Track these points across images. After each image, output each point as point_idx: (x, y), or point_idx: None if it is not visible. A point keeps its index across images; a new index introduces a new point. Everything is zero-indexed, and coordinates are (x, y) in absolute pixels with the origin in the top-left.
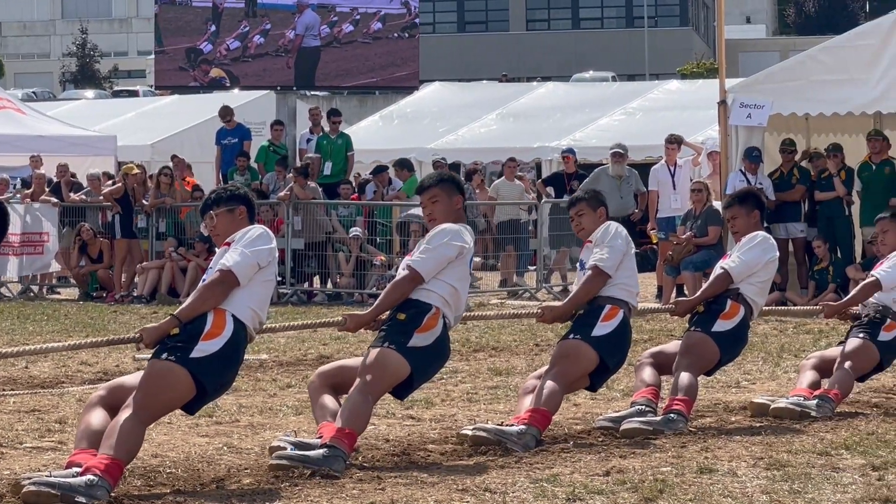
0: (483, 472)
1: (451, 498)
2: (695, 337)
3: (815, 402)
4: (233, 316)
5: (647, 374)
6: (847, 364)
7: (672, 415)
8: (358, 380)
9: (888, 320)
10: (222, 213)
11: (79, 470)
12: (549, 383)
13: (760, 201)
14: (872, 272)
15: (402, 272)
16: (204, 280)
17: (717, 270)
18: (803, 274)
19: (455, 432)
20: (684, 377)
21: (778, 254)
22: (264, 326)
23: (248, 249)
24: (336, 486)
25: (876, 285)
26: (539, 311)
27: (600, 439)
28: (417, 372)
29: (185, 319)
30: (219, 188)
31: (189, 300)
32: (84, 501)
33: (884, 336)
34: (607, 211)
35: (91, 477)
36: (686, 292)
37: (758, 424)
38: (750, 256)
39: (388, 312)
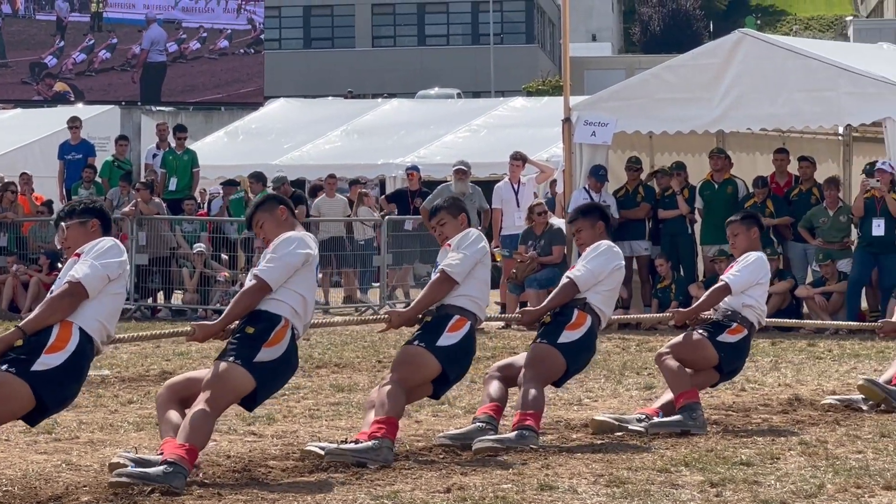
0: (324, 489)
1: None
2: (540, 349)
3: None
4: (80, 329)
5: (494, 388)
6: (671, 357)
7: (524, 431)
8: (202, 393)
9: (734, 324)
10: (74, 225)
11: None
12: (390, 389)
13: (605, 213)
14: (721, 276)
15: (249, 281)
16: (52, 292)
17: (563, 280)
18: (647, 292)
19: (297, 448)
20: (530, 391)
21: (623, 262)
22: (112, 339)
23: (97, 261)
24: (176, 502)
25: (725, 290)
26: (386, 315)
27: (441, 456)
28: (263, 386)
29: (31, 331)
30: (74, 201)
31: (36, 311)
32: None
33: (726, 337)
34: (468, 217)
35: None
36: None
37: (599, 442)
38: (595, 265)
39: (237, 322)
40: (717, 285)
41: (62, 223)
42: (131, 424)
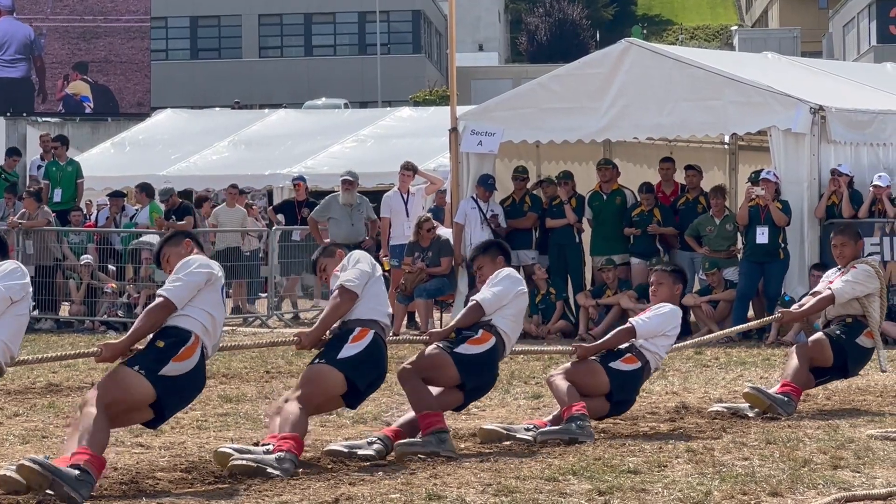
0: (212, 499)
1: None
2: (431, 351)
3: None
4: None
5: (405, 418)
6: (562, 377)
7: (441, 433)
8: (92, 391)
9: (628, 354)
10: None
11: None
12: (294, 407)
13: (504, 248)
14: (630, 319)
15: (156, 300)
16: None
17: (469, 303)
18: (531, 302)
19: (185, 460)
20: (418, 390)
21: (525, 288)
22: (15, 360)
23: (1, 284)
24: None
25: (630, 332)
26: (295, 337)
27: (329, 465)
28: (166, 400)
29: None
30: None
31: None
32: None
33: (619, 365)
34: (345, 251)
35: None
36: (417, 320)
37: (487, 451)
38: (499, 289)
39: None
40: (623, 326)
41: None
42: (17, 437)
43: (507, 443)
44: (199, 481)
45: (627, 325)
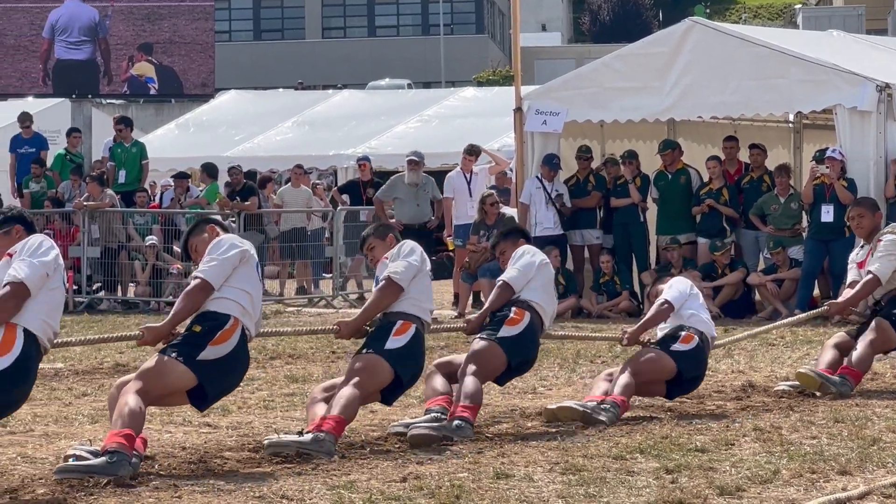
0: (280, 479)
1: None
2: (480, 343)
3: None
4: (24, 330)
5: (439, 382)
6: (630, 367)
7: (459, 421)
8: (133, 381)
9: (683, 333)
10: None
11: None
12: (348, 391)
13: (525, 233)
14: (662, 296)
15: (192, 282)
16: None
17: (497, 283)
18: (595, 280)
19: (252, 440)
20: (469, 383)
21: (546, 258)
22: (59, 340)
23: (34, 259)
24: (132, 495)
25: (668, 306)
26: (335, 326)
27: (397, 445)
28: (208, 384)
29: None
30: None
31: None
32: None
33: (680, 346)
34: (397, 236)
35: None
36: (483, 299)
37: (553, 430)
38: (521, 264)
39: (186, 322)
40: (662, 307)
41: None
42: (86, 417)
43: (574, 422)
44: (267, 461)
45: (665, 305)
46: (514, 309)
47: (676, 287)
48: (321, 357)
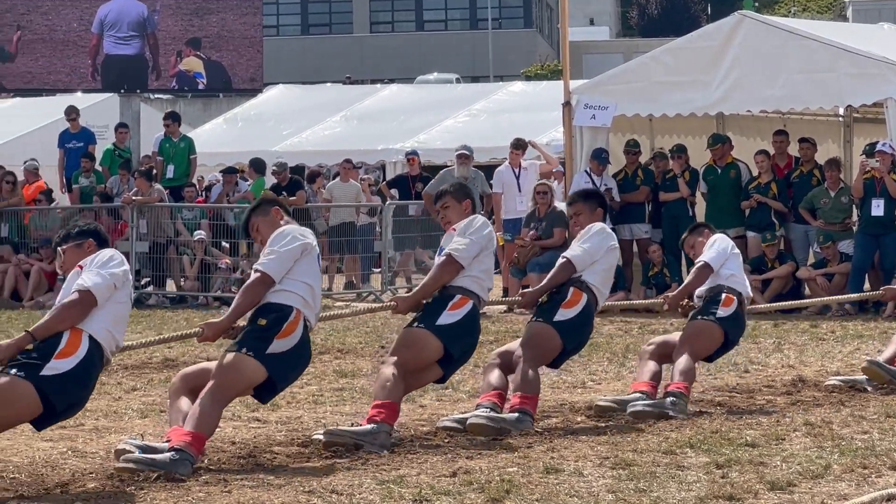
0: (330, 473)
1: (297, 500)
2: (535, 327)
3: (669, 400)
4: (89, 336)
5: (495, 376)
6: (687, 349)
7: (518, 414)
8: (211, 382)
9: (723, 295)
10: (70, 248)
11: None
12: (388, 371)
13: (604, 201)
14: (702, 257)
15: (252, 275)
16: (60, 301)
17: (559, 260)
18: (644, 274)
19: (301, 434)
20: (528, 372)
21: (617, 243)
22: (120, 348)
23: (103, 270)
24: (182, 489)
25: (707, 268)
26: (392, 302)
27: (446, 440)
28: (277, 377)
29: (41, 337)
30: (70, 225)
31: (45, 318)
32: None
33: (723, 311)
34: (474, 204)
35: None
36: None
37: (603, 424)
38: (590, 244)
39: (246, 316)
40: (697, 265)
41: (59, 248)
42: (135, 411)
43: (624, 416)
44: (316, 455)
45: (700, 262)
46: (572, 290)
47: (717, 246)
48: (370, 352)
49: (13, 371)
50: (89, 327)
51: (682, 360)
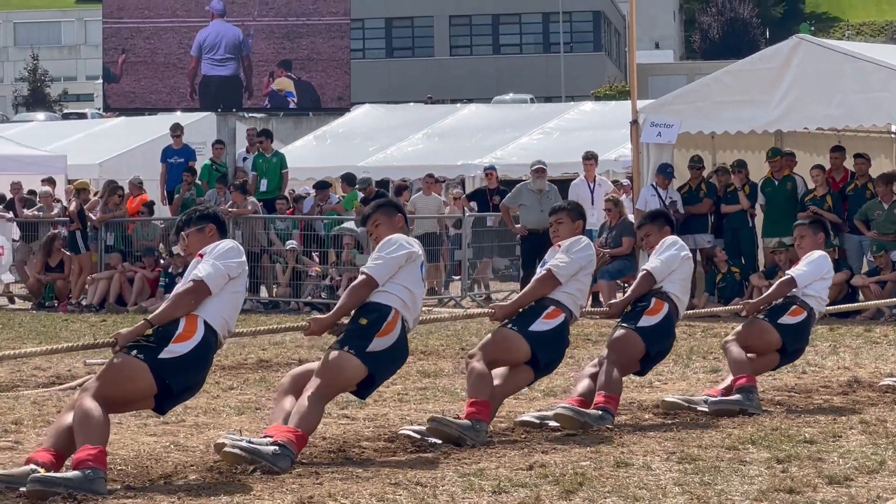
0: (414, 467)
1: (384, 491)
2: (620, 332)
3: (738, 396)
4: (204, 321)
5: (583, 385)
6: (741, 343)
7: (600, 411)
8: (313, 380)
9: (794, 306)
10: (193, 232)
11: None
12: (480, 367)
13: (670, 219)
14: (788, 271)
15: (359, 277)
16: (177, 289)
17: (640, 272)
18: (711, 281)
19: (388, 430)
20: (610, 373)
21: (689, 252)
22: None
23: (219, 261)
24: (276, 481)
25: (791, 283)
26: (491, 309)
27: (523, 436)
28: (377, 374)
29: (157, 324)
30: (190, 210)
31: (162, 306)
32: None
33: (787, 319)
34: (584, 225)
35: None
36: (601, 300)
37: (670, 421)
38: (666, 256)
39: (349, 315)
40: (783, 279)
41: (181, 232)
42: (232, 409)
43: (688, 414)
44: (402, 450)
45: (786, 276)
46: (654, 299)
47: (813, 268)
48: (451, 353)
49: (133, 353)
50: (205, 313)
51: (733, 351)
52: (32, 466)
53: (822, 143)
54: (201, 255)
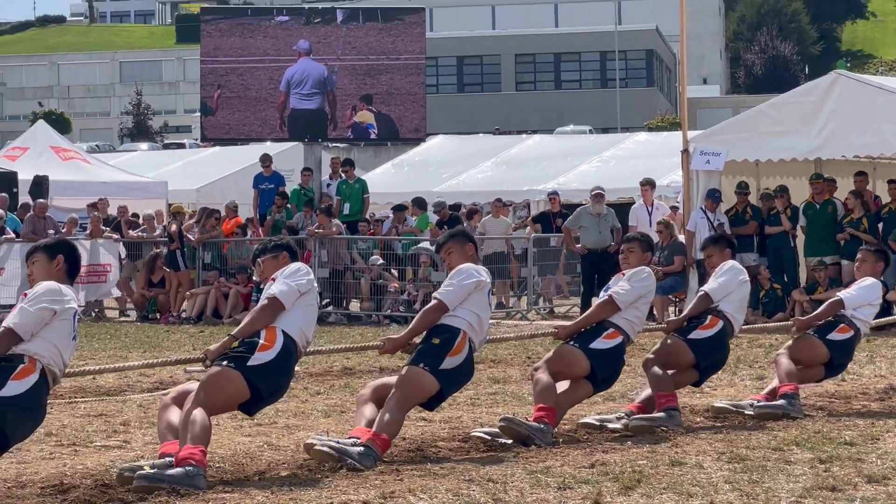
0: (486, 465)
1: (459, 487)
2: (669, 341)
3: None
4: (283, 332)
5: (644, 395)
6: (791, 354)
7: (666, 412)
8: (394, 392)
9: (842, 324)
10: (268, 259)
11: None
12: (544, 380)
13: (732, 242)
14: (837, 293)
15: (432, 301)
16: (255, 307)
17: (698, 293)
18: (755, 297)
19: (461, 432)
20: (655, 374)
21: (747, 276)
22: (311, 348)
23: (290, 280)
24: (361, 478)
25: (839, 304)
26: (554, 329)
27: (585, 436)
28: (446, 389)
29: (241, 337)
30: (265, 240)
31: (243, 322)
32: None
33: (835, 336)
34: (652, 257)
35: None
36: (655, 313)
37: (719, 424)
38: (725, 279)
39: (420, 336)
40: (833, 300)
41: (258, 259)
42: (320, 412)
43: (736, 417)
44: (475, 449)
45: (836, 297)
46: (709, 317)
47: (863, 293)
48: (518, 361)
49: (224, 363)
50: (283, 325)
51: (783, 363)
52: (169, 459)
53: (857, 169)
54: (273, 280)
